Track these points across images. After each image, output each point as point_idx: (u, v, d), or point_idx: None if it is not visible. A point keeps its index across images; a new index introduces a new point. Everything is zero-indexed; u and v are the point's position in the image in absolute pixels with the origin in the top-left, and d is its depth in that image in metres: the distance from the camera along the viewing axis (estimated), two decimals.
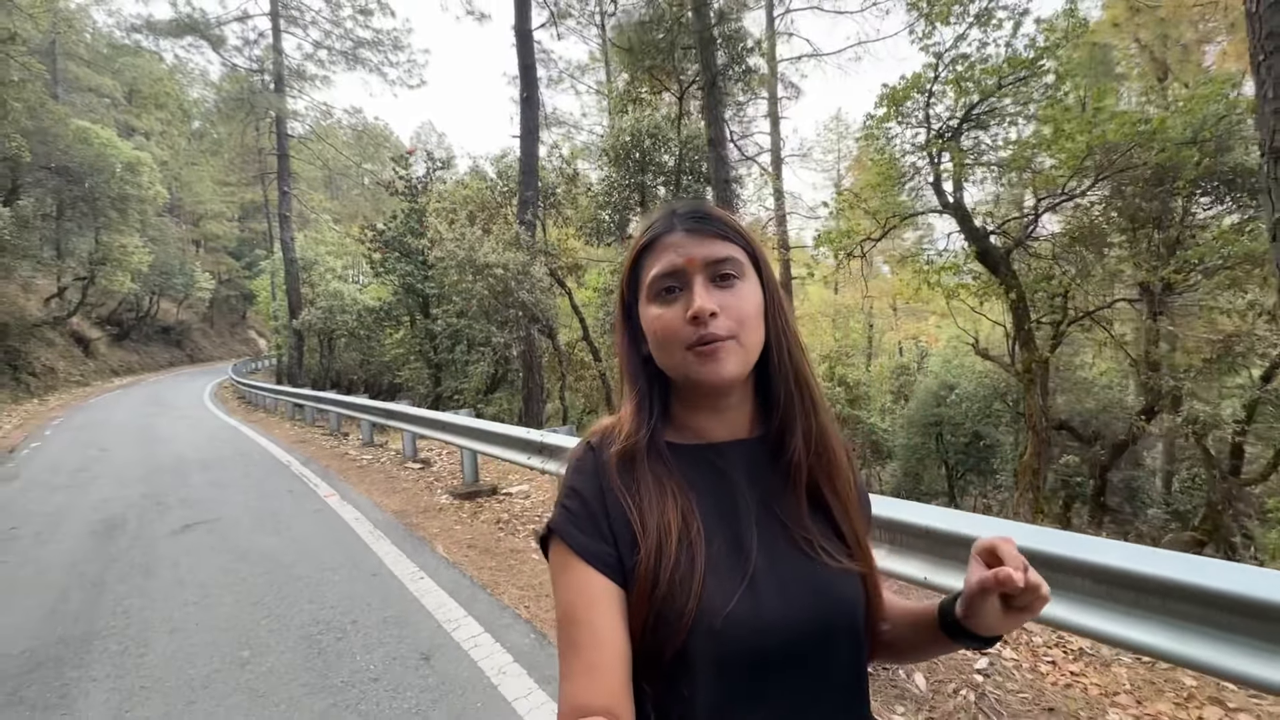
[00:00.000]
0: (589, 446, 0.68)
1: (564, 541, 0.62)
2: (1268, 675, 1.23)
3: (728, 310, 0.62)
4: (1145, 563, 1.43)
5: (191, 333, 35.19)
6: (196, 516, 5.17)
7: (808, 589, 0.61)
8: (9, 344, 17.91)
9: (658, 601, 0.58)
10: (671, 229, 0.65)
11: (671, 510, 0.61)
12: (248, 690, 2.47)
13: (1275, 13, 3.18)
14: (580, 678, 0.55)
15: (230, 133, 22.62)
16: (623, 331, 0.71)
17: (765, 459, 0.68)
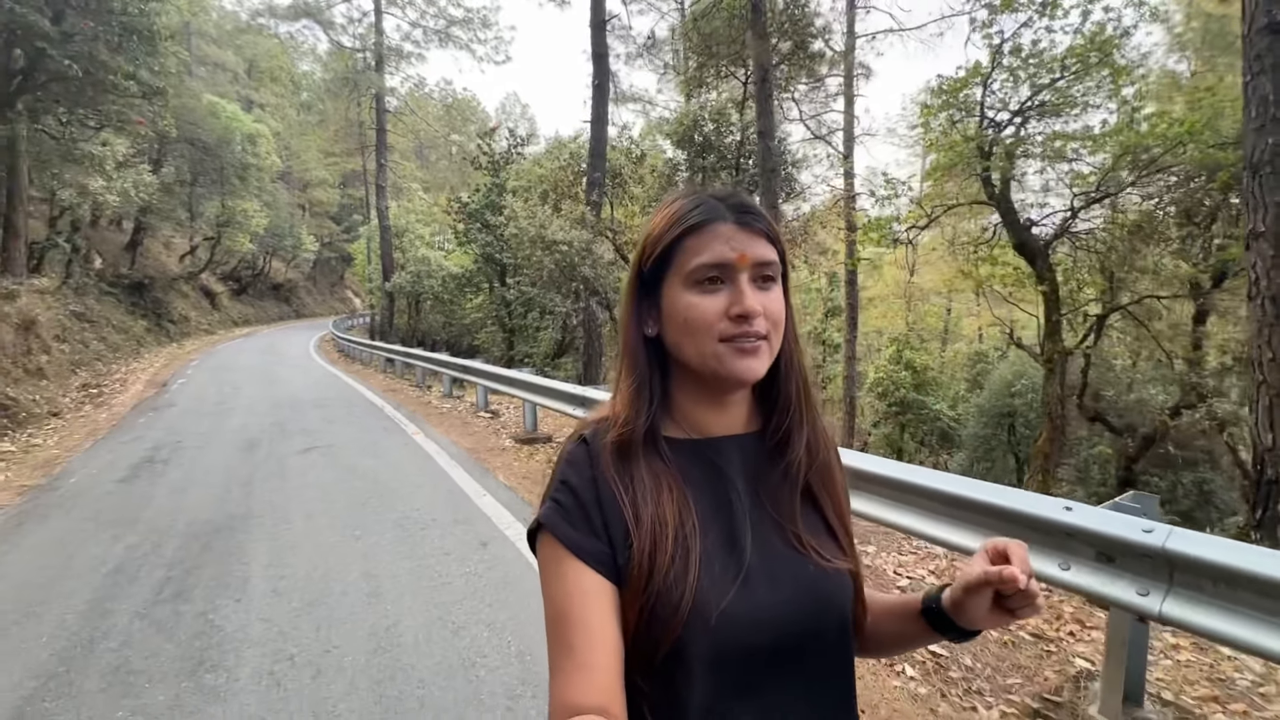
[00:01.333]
0: (581, 438, 0.67)
1: (554, 536, 0.61)
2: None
3: (766, 312, 0.62)
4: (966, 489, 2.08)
5: (297, 290, 38.65)
6: (314, 442, 6.41)
7: (800, 585, 0.61)
8: (155, 294, 20.68)
9: (651, 597, 0.57)
10: (721, 218, 0.63)
11: (667, 503, 0.61)
12: (360, 555, 3.47)
13: (1263, 36, 3.45)
14: (572, 676, 0.54)
15: (336, 108, 24.57)
16: (631, 307, 0.68)
17: (761, 456, 0.67)
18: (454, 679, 2.28)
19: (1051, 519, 1.85)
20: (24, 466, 5.79)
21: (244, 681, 2.31)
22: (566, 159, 11.28)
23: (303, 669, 2.37)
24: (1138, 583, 1.70)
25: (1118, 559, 1.75)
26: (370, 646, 2.51)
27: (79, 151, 10.67)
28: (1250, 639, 1.52)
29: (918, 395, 19.61)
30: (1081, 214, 6.65)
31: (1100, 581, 1.77)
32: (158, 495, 4.69)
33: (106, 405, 9.28)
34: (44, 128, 10.08)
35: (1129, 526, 1.70)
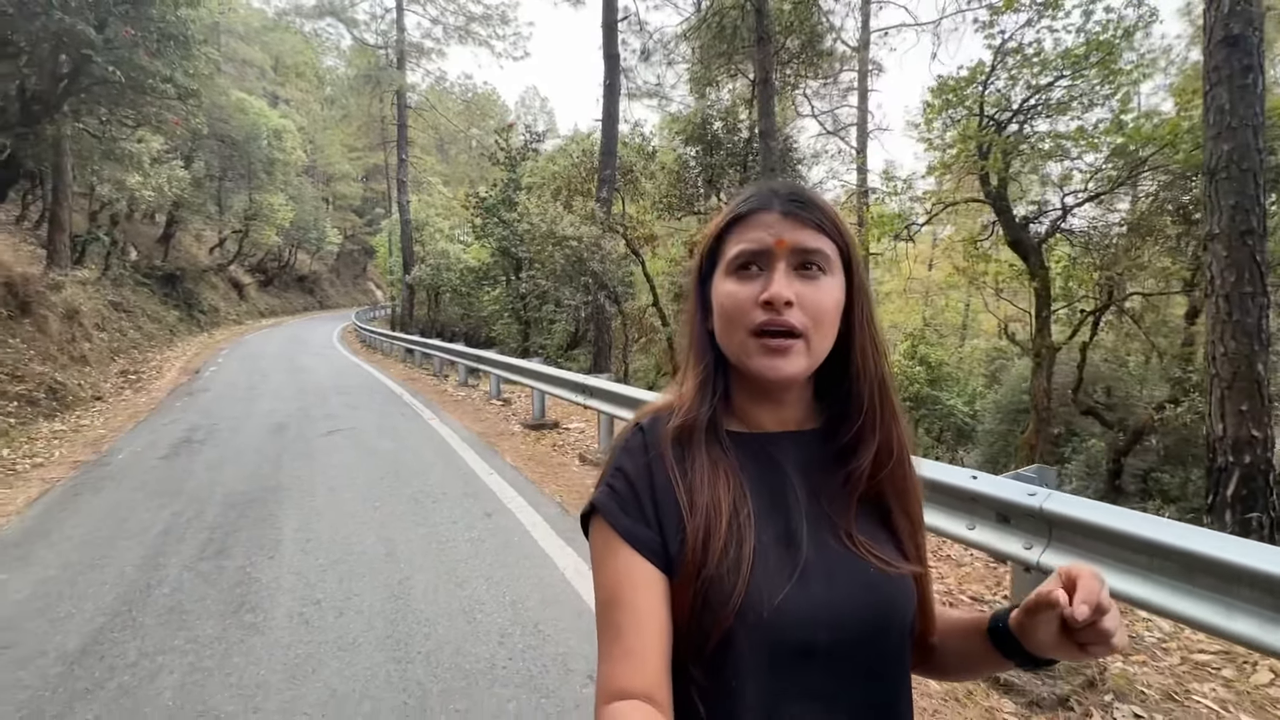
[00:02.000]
0: (638, 427, 0.67)
1: (607, 521, 0.61)
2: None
3: (804, 302, 0.59)
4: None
5: (321, 282, 39.56)
6: (337, 425, 6.85)
7: (858, 586, 0.59)
8: (186, 286, 21.46)
9: (704, 584, 0.56)
10: (768, 207, 0.62)
11: (723, 491, 0.60)
12: (378, 523, 3.87)
13: (1220, 49, 3.66)
14: (619, 661, 0.54)
15: (358, 103, 25.13)
16: (694, 302, 0.68)
17: (820, 454, 0.66)
18: (456, 621, 2.65)
19: (959, 486, 2.15)
20: (75, 444, 6.31)
21: (278, 620, 2.70)
22: (579, 156, 11.61)
23: (328, 611, 2.76)
24: (1025, 539, 2.00)
25: (1012, 519, 2.05)
26: (385, 595, 2.90)
27: (119, 150, 11.26)
28: (1111, 584, 1.81)
29: (932, 391, 19.64)
30: (1078, 212, 6.82)
31: (998, 539, 2.08)
32: (197, 470, 5.14)
33: (145, 390, 9.86)
34: (86, 127, 10.66)
35: (1019, 492, 2.00)
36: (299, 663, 2.38)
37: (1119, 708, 2.02)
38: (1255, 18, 3.61)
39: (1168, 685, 2.16)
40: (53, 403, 8.11)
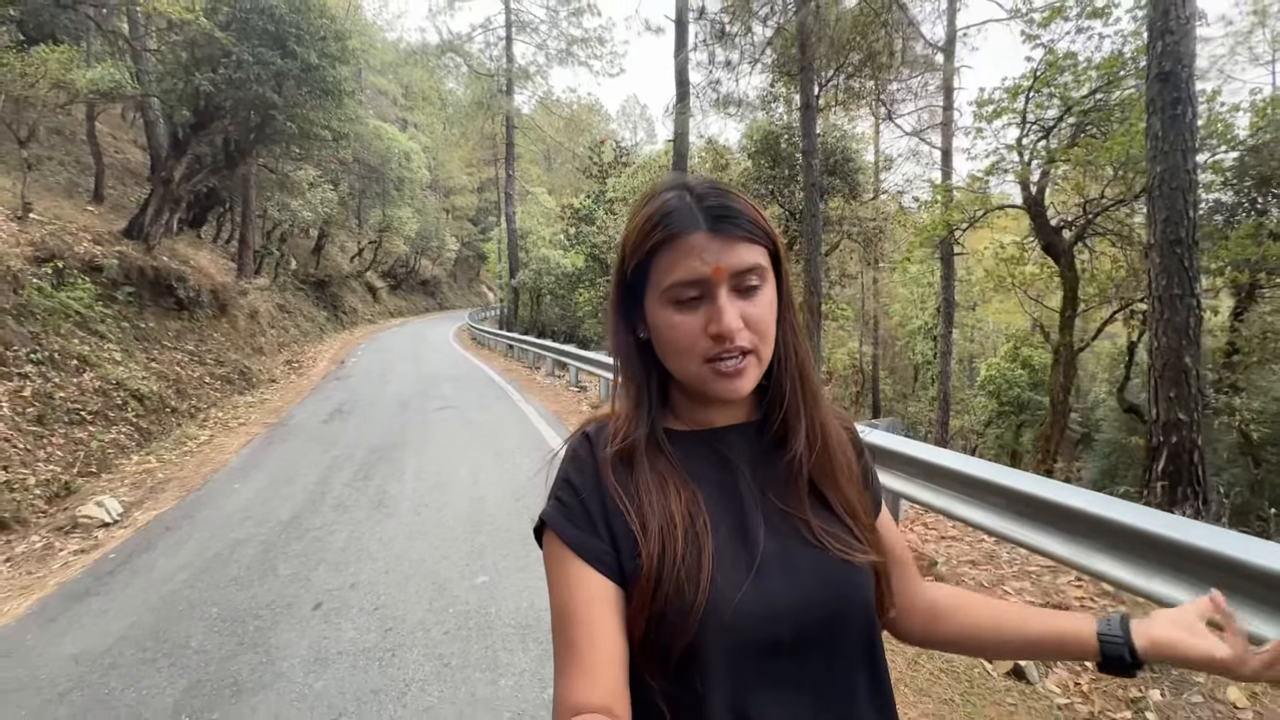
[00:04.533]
0: (585, 435, 0.66)
1: (556, 534, 0.60)
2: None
3: (750, 322, 0.59)
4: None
5: (441, 285, 43.72)
6: (447, 403, 8.54)
7: (816, 575, 0.59)
8: (332, 290, 25.06)
9: (662, 600, 0.56)
10: (695, 226, 0.59)
11: (675, 504, 0.59)
12: (469, 465, 5.31)
13: (1154, 84, 4.25)
14: (576, 676, 0.54)
15: (473, 126, 27.91)
16: (617, 314, 0.66)
17: (765, 445, 0.66)
18: (512, 516, 3.97)
19: None
20: (263, 411, 8.41)
21: (402, 513, 4.15)
22: (657, 171, 12.85)
23: (433, 509, 4.18)
24: None
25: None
26: (468, 501, 4.29)
27: (288, 181, 13.94)
28: (920, 496, 2.77)
29: (1035, 395, 19.00)
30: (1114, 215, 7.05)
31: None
32: (347, 430, 6.91)
33: (305, 375, 12.29)
34: (266, 165, 13.35)
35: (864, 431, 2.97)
36: (412, 533, 3.79)
37: None
38: (1185, 56, 4.13)
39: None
40: (243, 383, 10.51)
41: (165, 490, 4.99)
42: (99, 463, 5.82)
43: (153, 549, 3.72)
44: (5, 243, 6.96)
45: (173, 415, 7.69)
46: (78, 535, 4.09)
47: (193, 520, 4.19)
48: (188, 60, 9.44)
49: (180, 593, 3.08)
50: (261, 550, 3.58)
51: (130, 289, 8.76)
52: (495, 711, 2.08)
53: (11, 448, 5.20)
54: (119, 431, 6.46)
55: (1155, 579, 1.71)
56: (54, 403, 5.97)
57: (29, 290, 6.78)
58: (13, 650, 2.65)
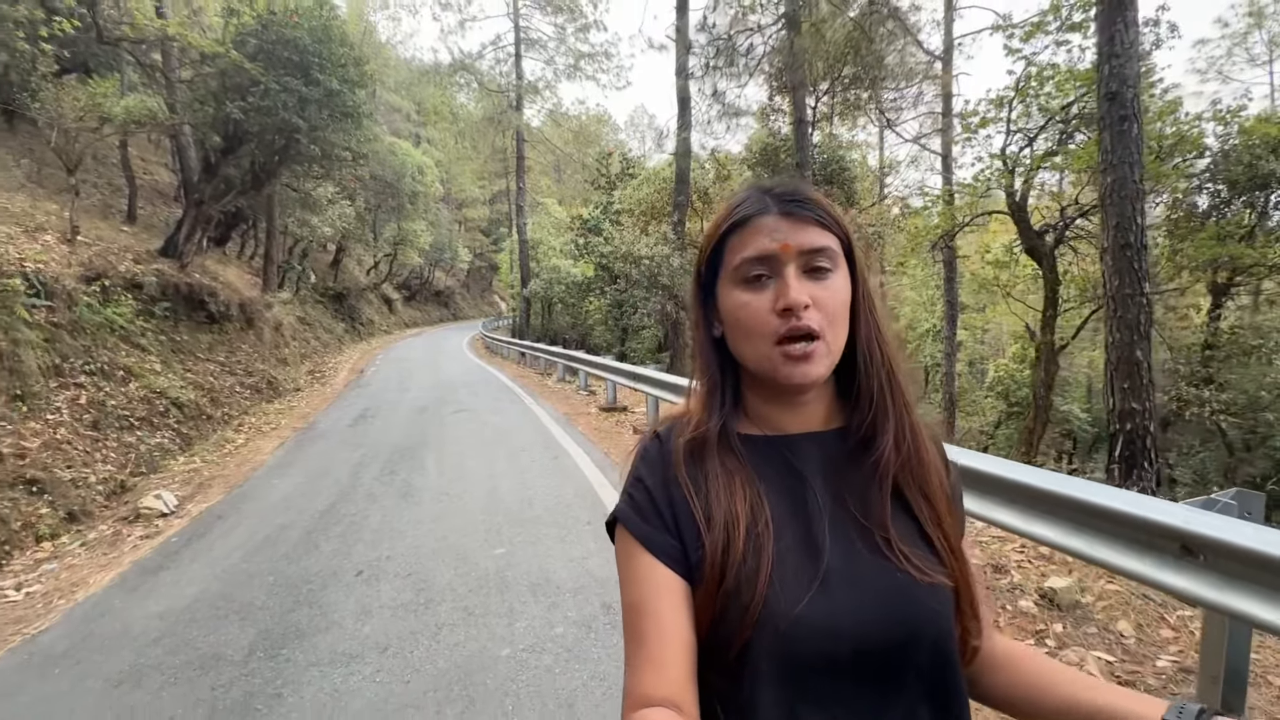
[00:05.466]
0: (656, 436, 0.67)
1: (628, 530, 0.62)
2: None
3: (819, 303, 0.59)
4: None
5: (454, 295, 44.51)
6: (462, 407, 9.04)
7: (887, 594, 0.57)
8: (350, 302, 25.79)
9: (724, 596, 0.57)
10: (766, 210, 0.62)
11: (740, 503, 0.60)
12: (485, 460, 5.78)
13: (1103, 102, 4.65)
14: (644, 669, 0.55)
15: (484, 140, 28.67)
16: (698, 312, 0.68)
17: (843, 454, 0.64)
18: (524, 503, 4.43)
19: None
20: (292, 417, 8.96)
21: (426, 501, 4.62)
22: (660, 184, 13.35)
23: (453, 497, 4.66)
24: None
25: None
26: (484, 490, 4.76)
27: (309, 199, 14.61)
28: None
29: (1046, 396, 18.99)
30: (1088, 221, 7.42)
31: None
32: (371, 432, 7.42)
33: (327, 384, 12.87)
34: (289, 184, 14.01)
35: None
36: (436, 516, 4.27)
37: None
38: (1129, 77, 4.53)
39: None
40: (271, 391, 11.09)
41: (212, 486, 5.52)
42: (148, 464, 6.37)
43: (209, 534, 4.22)
44: (60, 263, 7.56)
45: (209, 422, 8.26)
46: (141, 524, 4.61)
47: (240, 510, 4.70)
48: (218, 89, 10.09)
49: (239, 566, 3.57)
50: (305, 533, 4.06)
51: (167, 304, 9.36)
52: (512, 644, 2.53)
53: (74, 450, 5.75)
54: (163, 436, 7.02)
55: (1078, 538, 2.05)
56: (106, 410, 6.53)
57: (80, 307, 7.37)
58: (106, 611, 3.15)
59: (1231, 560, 1.63)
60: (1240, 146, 6.40)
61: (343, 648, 2.59)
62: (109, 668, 2.57)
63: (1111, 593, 2.64)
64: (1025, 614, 2.57)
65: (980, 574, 3.04)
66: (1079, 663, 2.18)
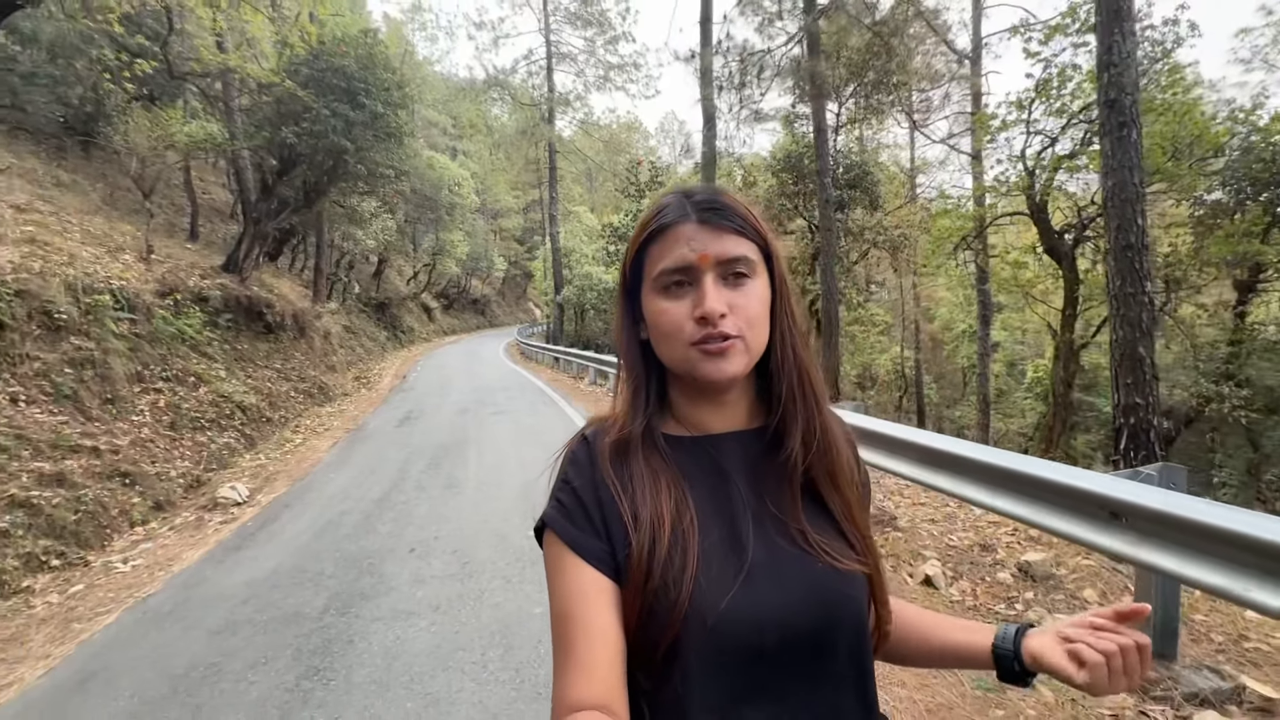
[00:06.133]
0: (583, 438, 0.69)
1: (556, 534, 0.62)
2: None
3: (736, 310, 0.61)
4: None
5: (490, 303, 45.63)
6: (499, 409, 9.56)
7: (807, 584, 0.59)
8: (391, 311, 26.84)
9: (650, 595, 0.58)
10: (685, 218, 0.63)
11: (665, 501, 0.61)
12: (519, 457, 6.23)
13: (1103, 110, 4.85)
14: (574, 674, 0.55)
15: (518, 152, 29.53)
16: (622, 315, 0.70)
17: (762, 452, 0.66)
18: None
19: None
20: (343, 419, 9.61)
21: (468, 491, 5.08)
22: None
23: (492, 487, 5.11)
24: None
25: None
26: (520, 483, 5.20)
27: (355, 214, 15.45)
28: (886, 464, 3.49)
29: (1085, 396, 18.82)
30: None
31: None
32: (416, 433, 7.97)
33: (373, 389, 13.60)
34: (336, 201, 14.86)
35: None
36: (477, 503, 4.72)
37: None
38: (1128, 85, 4.70)
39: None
40: (322, 396, 11.83)
41: (277, 480, 6.10)
42: (218, 461, 7.02)
43: (279, 519, 4.76)
44: (139, 280, 8.35)
45: (269, 423, 8.94)
46: (219, 511, 5.19)
47: (304, 500, 5.24)
48: (274, 115, 10.89)
49: (309, 545, 4.07)
50: (363, 518, 4.56)
51: (229, 316, 10.14)
52: (543, 605, 2.92)
53: (156, 448, 6.42)
54: (230, 436, 7.69)
55: (1028, 508, 2.34)
56: (181, 412, 7.22)
57: (156, 319, 8.13)
58: (200, 580, 3.67)
59: (1147, 521, 1.92)
60: (1259, 144, 6.42)
61: (402, 607, 3.03)
62: (208, 622, 3.06)
63: (1084, 566, 2.90)
64: (1001, 583, 2.85)
65: (969, 553, 3.31)
66: (1037, 620, 2.47)
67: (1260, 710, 1.91)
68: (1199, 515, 1.79)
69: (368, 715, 2.20)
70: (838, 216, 10.99)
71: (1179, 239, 7.76)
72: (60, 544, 4.41)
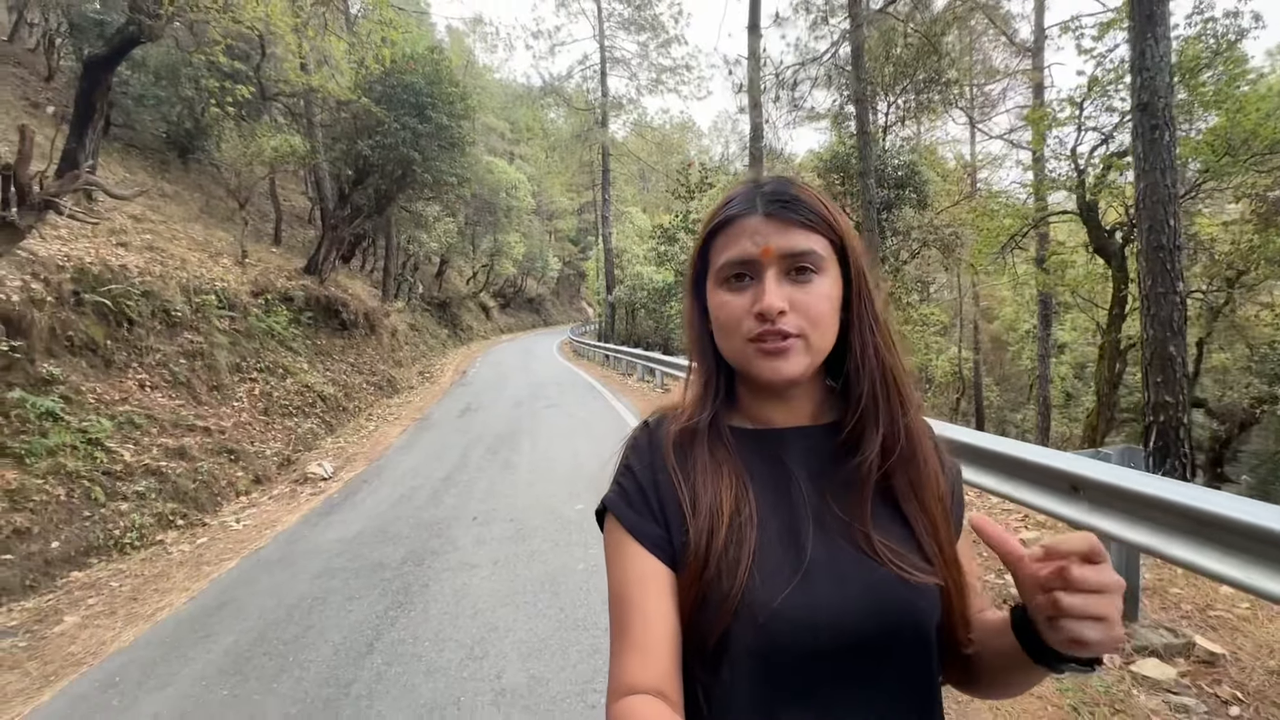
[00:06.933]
0: (645, 425, 0.71)
1: (616, 518, 0.64)
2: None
3: (798, 307, 0.59)
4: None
5: (545, 302, 46.88)
6: (552, 403, 10.15)
7: (869, 590, 0.57)
8: (452, 310, 28.13)
9: (705, 584, 0.57)
10: (751, 211, 0.61)
11: (725, 492, 0.60)
12: (570, 445, 6.75)
13: (1136, 113, 4.94)
14: (629, 657, 0.55)
15: (572, 155, 30.34)
16: (691, 307, 0.69)
17: (831, 450, 0.65)
18: (601, 476, 5.33)
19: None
20: (409, 409, 10.42)
21: (523, 472, 5.63)
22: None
23: (544, 469, 5.64)
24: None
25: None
26: (569, 466, 5.71)
27: (421, 218, 16.45)
28: None
29: (1130, 396, 18.05)
30: None
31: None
32: (476, 422, 8.63)
33: (435, 383, 14.50)
34: (403, 206, 15.88)
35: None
36: (531, 482, 5.25)
37: None
38: (1160, 88, 4.77)
39: None
40: (390, 388, 12.75)
41: (356, 460, 6.83)
42: (304, 443, 7.84)
43: (360, 492, 5.43)
44: (237, 282, 9.34)
45: (345, 412, 9.82)
46: (309, 485, 5.92)
47: (380, 477, 5.91)
48: (351, 130, 11.85)
49: (386, 513, 4.69)
50: (431, 493, 5.16)
51: (310, 314, 11.12)
52: (586, 562, 3.42)
53: (253, 430, 7.27)
54: (313, 422, 8.54)
55: (1008, 484, 2.66)
56: (273, 400, 8.09)
57: (251, 317, 9.08)
58: (299, 538, 4.33)
59: (1100, 493, 2.21)
60: None
61: (466, 561, 3.57)
62: (310, 568, 3.68)
63: None
64: (990, 556, 3.12)
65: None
66: None
67: (1204, 663, 2.17)
68: (1141, 487, 2.08)
69: (442, 636, 2.72)
70: (884, 216, 11.06)
71: (1241, 237, 7.54)
72: (183, 507, 5.20)
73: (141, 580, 3.70)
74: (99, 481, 4.70)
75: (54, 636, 3.00)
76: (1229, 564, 1.82)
